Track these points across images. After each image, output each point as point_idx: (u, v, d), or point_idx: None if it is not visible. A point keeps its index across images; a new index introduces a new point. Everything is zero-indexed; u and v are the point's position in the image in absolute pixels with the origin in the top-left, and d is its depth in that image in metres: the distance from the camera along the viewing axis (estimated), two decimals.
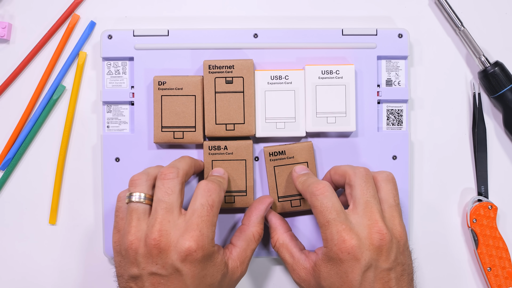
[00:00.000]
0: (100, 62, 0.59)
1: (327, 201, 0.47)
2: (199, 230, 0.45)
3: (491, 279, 0.57)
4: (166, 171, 0.48)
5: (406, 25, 0.59)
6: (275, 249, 0.53)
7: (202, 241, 0.45)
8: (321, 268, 0.47)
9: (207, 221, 0.46)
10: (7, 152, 0.59)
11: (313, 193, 0.48)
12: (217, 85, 0.55)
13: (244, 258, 0.50)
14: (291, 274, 0.51)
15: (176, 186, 0.47)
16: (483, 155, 0.59)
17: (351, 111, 0.55)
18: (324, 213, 0.47)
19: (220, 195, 0.48)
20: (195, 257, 0.45)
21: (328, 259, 0.47)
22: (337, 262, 0.46)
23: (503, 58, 0.59)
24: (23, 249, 0.59)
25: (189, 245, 0.44)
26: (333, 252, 0.46)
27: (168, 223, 0.46)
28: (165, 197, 0.47)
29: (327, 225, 0.47)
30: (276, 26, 0.59)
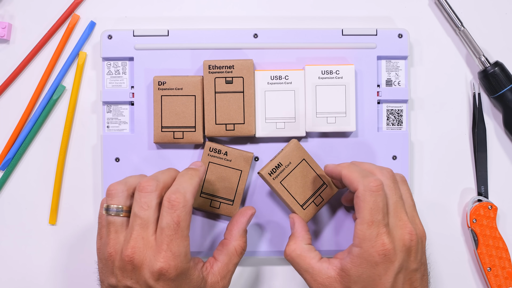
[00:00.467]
0: (100, 62, 0.59)
1: (380, 200, 0.45)
2: (170, 251, 0.44)
3: (491, 279, 0.57)
4: (144, 184, 0.46)
5: (406, 25, 0.59)
6: (288, 258, 0.50)
7: (174, 260, 0.44)
8: (351, 271, 0.46)
9: (176, 239, 0.44)
10: (7, 152, 0.59)
11: (370, 187, 0.45)
12: (217, 85, 0.55)
13: (225, 273, 0.49)
14: (312, 284, 0.48)
15: (153, 200, 0.45)
16: (483, 155, 0.59)
17: (351, 111, 0.55)
18: (373, 212, 0.45)
19: (186, 207, 0.45)
20: (168, 277, 0.44)
21: (360, 261, 0.45)
22: (371, 264, 0.45)
23: (503, 58, 0.59)
24: (23, 249, 0.59)
25: (160, 266, 0.43)
26: (369, 254, 0.45)
27: (142, 240, 0.44)
28: (140, 212, 0.45)
29: (371, 224, 0.45)
30: (276, 26, 0.59)
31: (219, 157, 0.55)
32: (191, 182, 0.47)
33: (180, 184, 0.46)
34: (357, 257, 0.45)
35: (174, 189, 0.45)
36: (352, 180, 0.47)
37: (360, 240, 0.45)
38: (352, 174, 0.47)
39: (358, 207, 0.46)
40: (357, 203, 0.46)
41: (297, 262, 0.49)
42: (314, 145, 0.57)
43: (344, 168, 0.48)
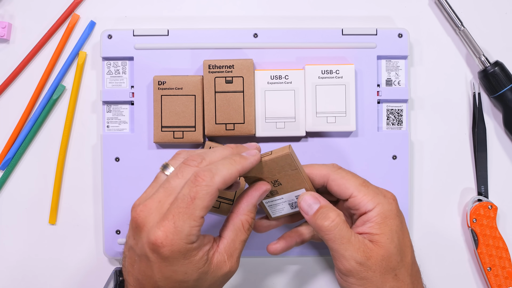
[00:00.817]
0: (100, 62, 0.59)
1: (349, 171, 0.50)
2: (173, 222, 0.41)
3: (491, 279, 0.57)
4: (190, 157, 0.44)
5: (406, 25, 0.59)
6: (333, 227, 0.46)
7: (173, 235, 0.41)
8: (382, 229, 0.47)
9: (184, 213, 0.41)
10: (7, 152, 0.59)
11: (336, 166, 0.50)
12: (217, 85, 0.55)
13: (232, 251, 0.45)
14: (355, 253, 0.46)
15: (189, 174, 0.43)
16: (483, 155, 0.59)
17: (351, 111, 0.55)
18: (356, 177, 0.49)
19: (209, 187, 0.42)
20: (162, 252, 0.41)
21: (384, 215, 0.47)
22: (393, 212, 0.47)
23: (503, 58, 0.59)
24: (23, 249, 0.59)
25: (156, 237, 0.41)
26: (387, 204, 0.48)
27: (158, 203, 0.42)
28: (172, 178, 0.43)
29: (365, 184, 0.48)
30: (276, 26, 0.59)
31: None
32: (228, 167, 0.43)
33: (217, 164, 0.43)
34: (379, 214, 0.47)
35: (207, 167, 0.43)
36: (319, 171, 0.49)
37: (373, 200, 0.47)
38: (316, 168, 0.49)
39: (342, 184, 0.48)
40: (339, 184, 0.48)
41: (341, 229, 0.46)
42: (314, 145, 0.57)
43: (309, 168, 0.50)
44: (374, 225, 0.47)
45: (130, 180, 0.57)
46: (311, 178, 0.49)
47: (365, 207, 0.47)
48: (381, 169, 0.57)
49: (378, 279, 0.46)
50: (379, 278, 0.46)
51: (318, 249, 0.58)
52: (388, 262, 0.46)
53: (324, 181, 0.49)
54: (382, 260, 0.46)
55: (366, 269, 0.46)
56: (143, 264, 0.43)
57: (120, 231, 0.57)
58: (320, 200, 0.48)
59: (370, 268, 0.46)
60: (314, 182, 0.49)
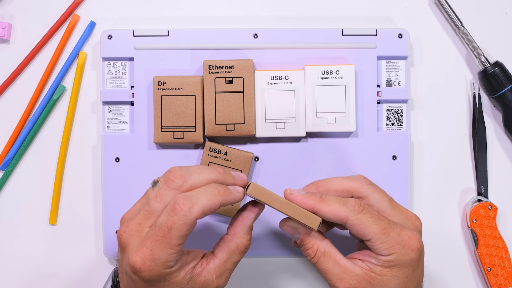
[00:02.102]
0: (100, 62, 0.59)
1: (372, 211, 0.45)
2: (150, 250, 0.41)
3: (491, 279, 0.57)
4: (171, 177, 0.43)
5: (406, 25, 0.59)
6: (314, 260, 0.47)
7: (150, 262, 0.41)
8: (384, 272, 0.45)
9: (161, 242, 0.41)
10: (7, 152, 0.59)
11: (356, 210, 0.45)
12: (217, 85, 0.55)
13: (222, 271, 0.45)
14: (338, 283, 0.46)
15: (169, 197, 0.43)
16: (483, 155, 0.59)
17: (351, 111, 0.55)
18: (377, 222, 0.44)
19: (186, 218, 0.41)
20: (142, 276, 0.42)
21: (394, 263, 0.44)
22: (408, 263, 0.45)
23: (503, 58, 0.59)
24: (23, 249, 0.59)
25: (135, 261, 0.41)
26: (404, 254, 0.44)
27: (138, 225, 0.43)
28: (152, 200, 0.43)
29: (385, 232, 0.44)
30: (276, 26, 0.59)
31: (219, 157, 0.55)
32: (210, 198, 0.43)
33: (198, 193, 0.43)
34: (390, 261, 0.44)
35: (187, 195, 0.42)
36: (336, 213, 0.45)
37: (389, 249, 0.44)
38: (333, 207, 0.45)
39: (360, 230, 0.44)
40: (357, 230, 0.45)
41: (323, 261, 0.46)
42: (314, 145, 0.57)
43: (320, 203, 0.45)
44: (379, 267, 0.45)
45: (130, 181, 0.57)
46: (324, 216, 0.45)
47: (380, 253, 0.45)
48: (381, 170, 0.57)
49: None
50: None
51: None
52: None
53: (341, 222, 0.45)
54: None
55: None
56: (129, 281, 0.44)
57: None
58: (300, 231, 0.47)
59: None
60: (329, 220, 0.45)
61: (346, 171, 0.57)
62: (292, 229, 0.47)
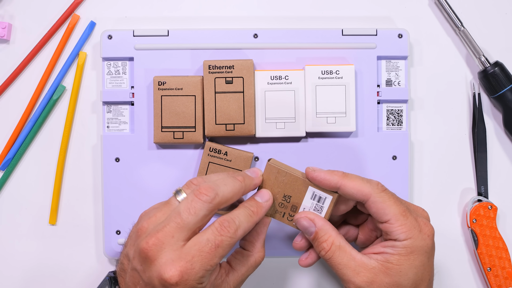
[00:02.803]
0: (100, 62, 0.59)
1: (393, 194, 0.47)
2: (190, 264, 0.42)
3: (491, 279, 0.57)
4: (203, 190, 0.44)
5: (406, 25, 0.59)
6: (329, 255, 0.47)
7: (188, 275, 0.41)
8: (401, 261, 0.45)
9: (204, 258, 0.42)
10: (7, 152, 0.59)
11: (380, 188, 0.46)
12: (217, 85, 0.55)
13: (238, 283, 0.47)
14: (354, 278, 0.45)
15: (203, 210, 0.43)
16: (483, 155, 0.59)
17: (351, 111, 0.55)
18: (398, 204, 0.46)
19: (232, 239, 0.43)
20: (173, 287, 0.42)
21: (412, 250, 0.45)
22: (424, 249, 0.45)
23: (503, 58, 0.59)
24: (23, 249, 0.59)
25: (171, 275, 0.41)
26: (420, 239, 0.45)
27: (171, 238, 0.42)
28: (185, 213, 0.43)
29: (405, 214, 0.45)
30: (276, 26, 0.59)
31: (219, 157, 0.55)
32: (249, 220, 0.45)
33: (238, 215, 0.45)
34: (407, 247, 0.45)
35: (231, 218, 0.44)
36: (360, 188, 0.46)
37: (406, 233, 0.45)
38: (357, 182, 0.46)
39: (381, 209, 0.46)
40: (378, 208, 0.46)
41: (338, 255, 0.46)
42: (314, 145, 0.57)
43: (343, 179, 0.47)
44: (395, 255, 0.45)
45: (130, 181, 0.57)
46: (347, 192, 0.47)
47: (397, 237, 0.45)
48: (381, 170, 0.57)
49: None
50: None
51: None
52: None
53: (363, 199, 0.46)
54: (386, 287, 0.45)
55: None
56: None
57: (120, 231, 0.57)
58: (316, 222, 0.47)
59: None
60: (350, 196, 0.47)
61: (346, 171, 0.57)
62: (309, 221, 0.48)
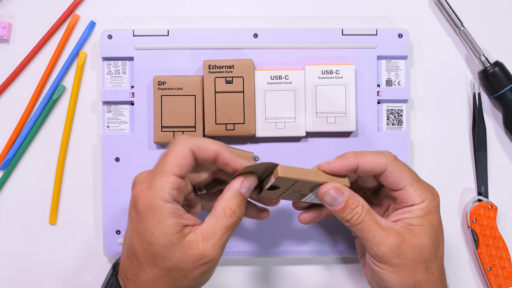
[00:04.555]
0: (100, 62, 0.59)
1: (403, 162, 0.49)
2: (149, 179, 0.44)
3: (491, 279, 0.57)
4: (176, 137, 0.46)
5: (406, 25, 0.59)
6: (361, 218, 0.46)
7: (147, 189, 0.43)
8: (422, 221, 0.47)
9: (158, 170, 0.44)
10: (7, 152, 0.59)
11: (394, 157, 0.48)
12: (217, 85, 0.55)
13: (209, 235, 0.44)
14: (385, 239, 0.46)
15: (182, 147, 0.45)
16: (483, 155, 0.59)
17: (351, 111, 0.55)
18: (411, 171, 0.48)
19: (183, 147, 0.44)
20: (137, 206, 0.43)
21: (428, 210, 0.47)
22: (436, 208, 0.48)
23: (503, 58, 0.59)
24: (23, 249, 0.59)
25: (135, 192, 0.44)
26: (433, 200, 0.48)
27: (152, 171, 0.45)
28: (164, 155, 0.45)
29: (418, 179, 0.48)
30: (276, 26, 0.59)
31: None
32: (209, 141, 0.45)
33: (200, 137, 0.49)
34: (424, 208, 0.47)
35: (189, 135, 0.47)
36: (376, 161, 0.47)
37: (422, 196, 0.47)
38: (372, 157, 0.48)
39: (398, 177, 0.47)
40: (395, 176, 0.47)
41: (368, 219, 0.46)
42: (314, 145, 0.57)
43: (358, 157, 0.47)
44: (415, 217, 0.47)
45: (130, 180, 0.56)
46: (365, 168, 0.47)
47: (413, 201, 0.47)
48: None
49: (409, 268, 0.46)
50: (411, 266, 0.46)
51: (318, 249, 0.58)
52: (421, 252, 0.46)
53: (381, 170, 0.47)
54: (414, 248, 0.46)
55: (397, 255, 0.46)
56: (128, 224, 0.45)
57: (120, 231, 0.57)
58: (344, 192, 0.47)
59: (402, 254, 0.46)
60: (368, 172, 0.47)
61: None
62: (337, 191, 0.47)
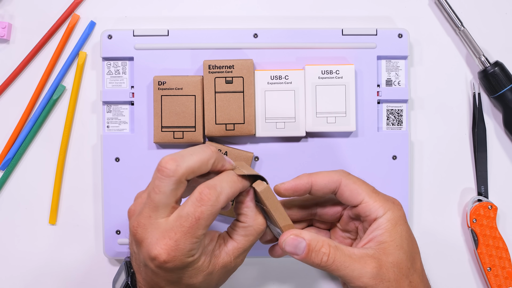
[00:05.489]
0: (100, 62, 0.59)
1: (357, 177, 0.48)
2: (174, 241, 0.41)
3: (491, 279, 0.57)
4: (162, 165, 0.42)
5: (406, 25, 0.59)
6: (331, 258, 0.45)
7: (175, 252, 0.41)
8: (392, 236, 0.46)
9: (187, 233, 0.41)
10: (7, 152, 0.59)
11: (347, 172, 0.48)
12: (217, 85, 0.55)
13: (240, 253, 0.46)
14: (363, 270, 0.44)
15: (168, 186, 0.42)
16: (483, 155, 0.59)
17: (351, 111, 0.55)
18: (366, 184, 0.48)
19: (214, 207, 0.42)
20: (165, 266, 0.42)
21: (394, 221, 0.46)
22: (402, 218, 0.47)
23: (503, 58, 0.59)
24: (23, 249, 0.59)
25: (158, 253, 0.41)
26: (396, 210, 0.46)
27: (149, 219, 0.42)
28: (152, 193, 0.42)
29: (375, 191, 0.47)
30: (276, 26, 0.59)
31: None
32: (231, 186, 0.43)
33: (220, 181, 0.43)
34: (390, 220, 0.46)
35: (211, 184, 0.42)
36: (329, 178, 0.47)
37: (383, 207, 0.46)
38: (325, 174, 0.47)
39: (354, 189, 0.47)
40: (351, 189, 0.47)
41: (339, 256, 0.45)
42: (314, 145, 0.57)
43: (311, 176, 0.47)
44: (385, 232, 0.46)
45: (130, 180, 0.57)
46: (319, 185, 0.47)
47: (376, 213, 0.46)
48: (381, 169, 0.57)
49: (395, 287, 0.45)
50: (395, 286, 0.45)
51: None
52: (400, 269, 0.45)
53: (335, 187, 0.47)
54: (393, 267, 0.45)
55: (380, 280, 0.44)
56: (149, 272, 0.44)
57: (120, 231, 0.57)
58: (304, 236, 0.45)
59: (384, 278, 0.44)
60: (323, 189, 0.47)
61: (346, 170, 0.57)
62: (295, 237, 0.45)
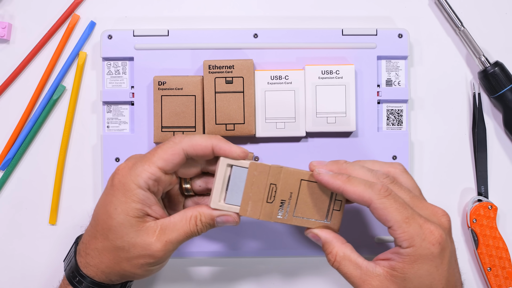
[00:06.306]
0: (100, 62, 0.59)
1: (398, 197, 0.44)
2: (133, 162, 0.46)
3: (491, 279, 0.57)
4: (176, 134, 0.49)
5: (406, 25, 0.59)
6: (336, 265, 0.46)
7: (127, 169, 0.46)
8: (406, 270, 0.43)
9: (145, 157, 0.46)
10: (7, 152, 0.59)
11: (381, 194, 0.44)
12: (217, 85, 0.55)
13: (167, 230, 0.46)
14: (361, 286, 0.45)
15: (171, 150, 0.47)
16: (483, 155, 0.59)
17: (351, 111, 0.55)
18: (401, 209, 0.43)
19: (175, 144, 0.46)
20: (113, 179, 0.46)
21: (415, 258, 0.43)
22: (428, 258, 0.43)
23: (503, 58, 0.59)
24: (23, 249, 0.59)
25: (118, 167, 0.47)
26: (424, 248, 0.43)
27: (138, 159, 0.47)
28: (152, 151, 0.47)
29: (408, 221, 0.43)
30: (276, 26, 0.59)
31: None
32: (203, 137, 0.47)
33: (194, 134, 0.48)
34: (410, 255, 0.43)
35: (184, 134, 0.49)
36: (360, 194, 0.44)
37: (409, 241, 0.43)
38: (358, 188, 0.44)
39: (383, 215, 0.44)
40: (379, 214, 0.44)
41: (344, 265, 0.46)
42: (314, 145, 0.57)
43: (345, 184, 0.45)
44: (400, 264, 0.44)
45: None
46: (349, 196, 0.45)
47: (400, 244, 0.44)
48: None
49: None
50: None
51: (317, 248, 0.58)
52: None
53: (365, 205, 0.45)
54: None
55: None
56: (102, 193, 0.48)
57: None
58: (320, 236, 0.47)
59: None
60: (354, 201, 0.45)
61: None
62: (314, 235, 0.48)
